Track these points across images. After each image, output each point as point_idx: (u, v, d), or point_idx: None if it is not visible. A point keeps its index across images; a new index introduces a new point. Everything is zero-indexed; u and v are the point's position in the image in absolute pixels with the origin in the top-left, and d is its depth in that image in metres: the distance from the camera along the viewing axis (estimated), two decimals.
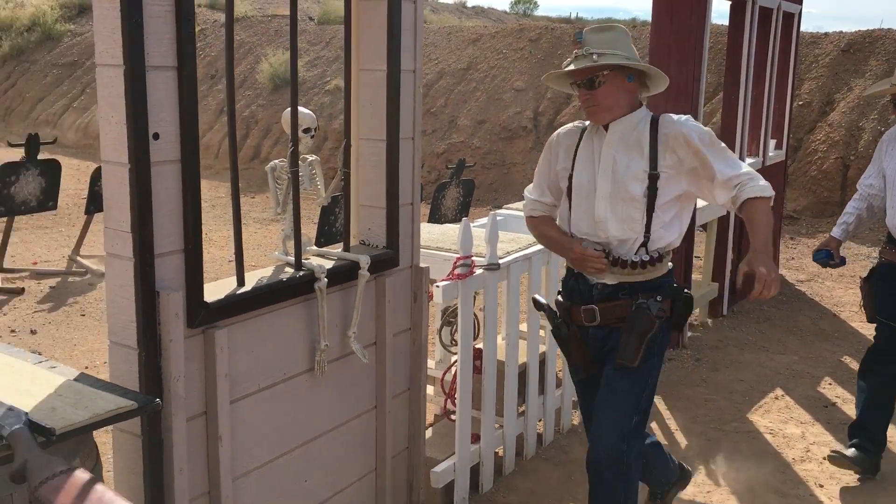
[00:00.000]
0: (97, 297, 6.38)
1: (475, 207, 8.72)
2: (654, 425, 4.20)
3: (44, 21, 17.42)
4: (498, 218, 3.70)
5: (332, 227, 5.71)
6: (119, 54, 1.98)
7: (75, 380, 1.95)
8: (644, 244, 2.61)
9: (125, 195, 2.06)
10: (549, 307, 2.83)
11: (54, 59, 16.43)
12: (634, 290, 2.64)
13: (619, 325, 2.65)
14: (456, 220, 7.49)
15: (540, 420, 3.96)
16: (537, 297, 2.94)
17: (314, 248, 2.82)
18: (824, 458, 3.80)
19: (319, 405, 2.69)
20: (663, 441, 4.01)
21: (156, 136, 2.07)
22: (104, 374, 4.89)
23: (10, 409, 1.66)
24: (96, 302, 6.25)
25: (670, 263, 2.71)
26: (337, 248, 2.88)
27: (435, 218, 6.75)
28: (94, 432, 1.85)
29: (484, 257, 3.44)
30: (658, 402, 4.46)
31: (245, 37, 14.82)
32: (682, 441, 4.06)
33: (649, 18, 5.23)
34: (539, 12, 32.09)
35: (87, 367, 4.93)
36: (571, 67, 2.59)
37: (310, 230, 4.94)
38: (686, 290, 2.73)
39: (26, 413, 1.67)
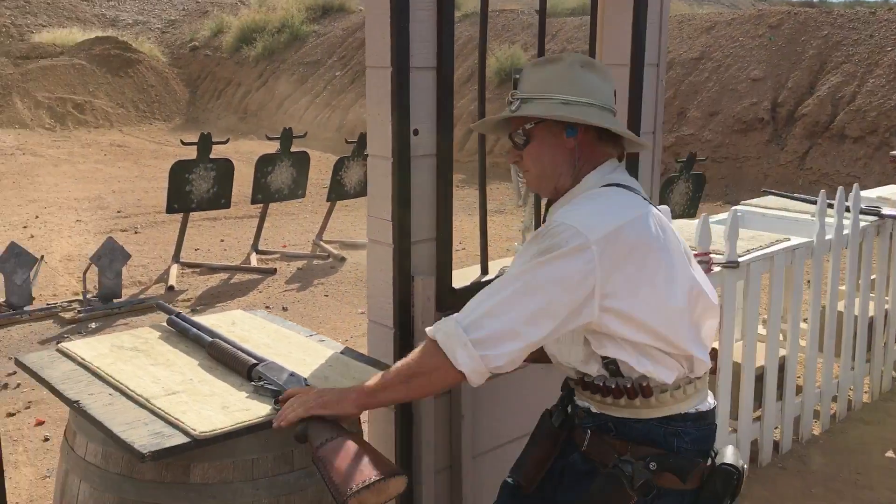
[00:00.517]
0: (338, 279, 6.87)
1: (704, 203, 8.42)
2: None
3: (292, 23, 18.88)
4: (738, 214, 3.58)
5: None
6: (387, 57, 2.15)
7: (341, 353, 2.15)
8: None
9: (387, 186, 2.23)
10: None
11: (300, 58, 17.75)
12: (621, 434, 1.76)
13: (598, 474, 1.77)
14: (684, 215, 7.29)
15: (777, 427, 3.79)
16: None
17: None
18: None
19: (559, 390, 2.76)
20: None
21: (415, 132, 2.23)
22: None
23: (292, 374, 1.87)
24: (338, 284, 6.74)
25: (689, 406, 1.75)
26: None
27: None
28: None
29: (722, 254, 3.35)
30: None
31: (472, 33, 15.24)
32: None
33: None
34: None
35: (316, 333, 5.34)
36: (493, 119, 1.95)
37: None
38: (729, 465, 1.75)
39: (305, 378, 1.88)
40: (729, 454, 1.78)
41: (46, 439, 3.89)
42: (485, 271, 2.55)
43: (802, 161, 10.26)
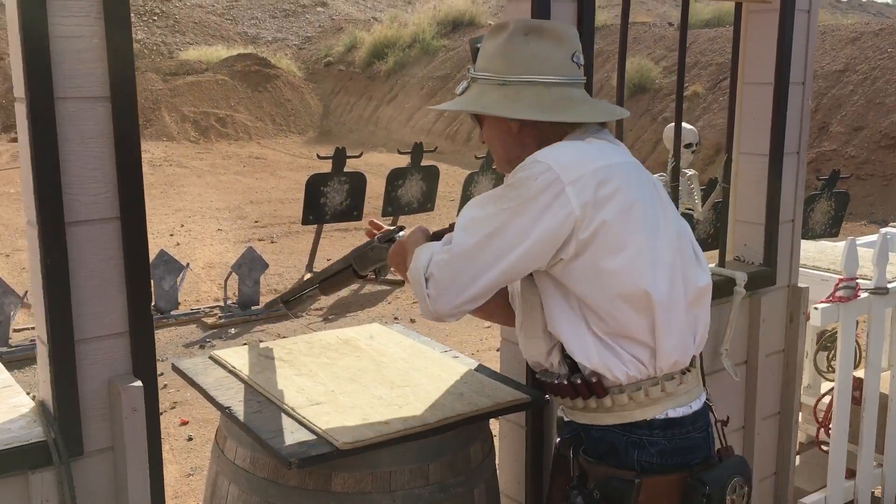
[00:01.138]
0: None
1: (847, 222, 8.02)
2: None
3: (423, 38, 19.28)
4: (887, 237, 3.40)
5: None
6: None
7: (475, 370, 2.18)
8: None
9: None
10: None
11: (430, 72, 18.08)
12: (588, 448, 1.64)
13: None
14: (825, 234, 6.97)
15: None
16: None
17: None
18: None
19: None
20: None
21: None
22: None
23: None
24: None
25: (657, 412, 1.58)
26: (711, 264, 2.86)
27: (803, 232, 6.35)
28: None
29: (870, 280, 3.18)
30: None
31: (603, 45, 15.08)
32: None
33: None
34: None
35: (456, 358, 5.39)
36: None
37: None
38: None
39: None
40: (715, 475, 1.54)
41: (190, 439, 4.11)
42: None
43: None
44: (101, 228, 1.61)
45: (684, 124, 2.65)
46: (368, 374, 2.09)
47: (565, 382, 1.61)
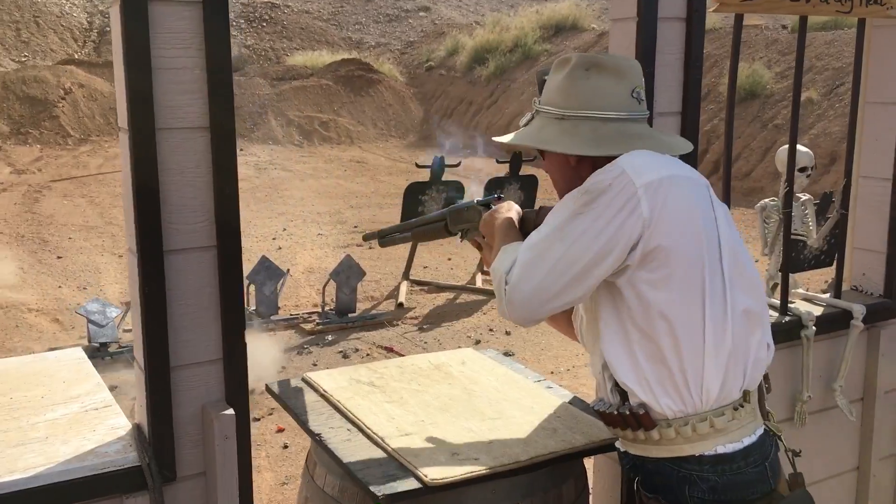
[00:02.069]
0: None
1: None
2: None
3: (524, 42, 19.17)
4: None
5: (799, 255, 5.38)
6: None
7: (570, 402, 2.11)
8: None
9: None
10: None
11: (531, 77, 17.95)
12: (643, 480, 1.66)
13: None
14: None
15: None
16: None
17: (801, 291, 2.68)
18: None
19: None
20: None
21: None
22: (567, 379, 5.25)
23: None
24: None
25: (706, 448, 1.56)
26: (825, 294, 2.70)
27: None
28: None
29: None
30: None
31: (711, 49, 14.63)
32: None
33: None
34: None
35: (552, 372, 5.32)
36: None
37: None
38: None
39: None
40: None
41: (286, 447, 4.18)
42: None
43: None
44: (198, 257, 1.62)
45: (799, 146, 2.51)
46: (459, 404, 2.05)
47: (615, 413, 1.60)
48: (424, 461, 1.75)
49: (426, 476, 1.69)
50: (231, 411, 1.65)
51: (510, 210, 1.87)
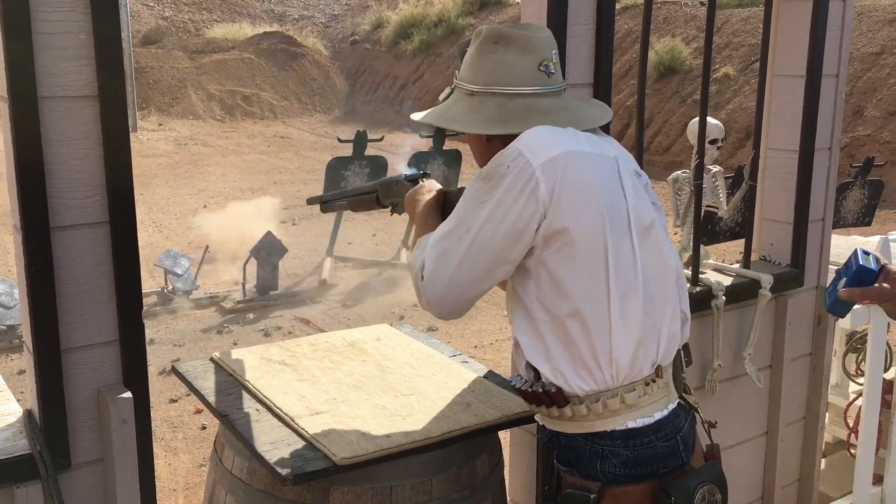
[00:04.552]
0: None
1: (882, 210, 7.81)
2: None
3: (448, 17, 19.07)
4: None
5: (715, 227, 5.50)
6: None
7: (484, 377, 2.10)
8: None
9: None
10: None
11: (456, 51, 17.88)
12: (557, 455, 1.67)
13: None
14: (857, 223, 6.77)
15: None
16: None
17: (712, 262, 2.72)
18: None
19: None
20: None
21: None
22: (490, 353, 5.27)
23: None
24: None
25: (617, 423, 1.55)
26: (733, 263, 2.75)
27: (834, 221, 6.17)
28: None
29: None
30: None
31: (633, 25, 14.81)
32: None
33: None
34: None
35: (475, 346, 5.34)
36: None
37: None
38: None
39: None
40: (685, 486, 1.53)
41: (204, 428, 4.09)
42: None
43: None
44: (89, 233, 1.54)
45: (710, 119, 2.53)
46: (373, 381, 2.02)
47: (530, 390, 1.59)
48: (335, 440, 1.71)
49: (336, 455, 1.65)
50: (128, 394, 1.58)
51: (431, 191, 1.84)
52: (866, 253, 1.74)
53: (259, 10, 23.02)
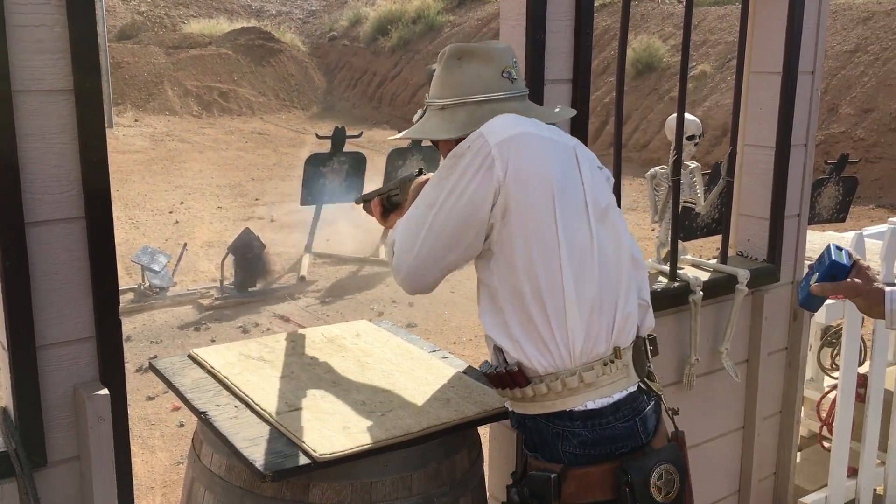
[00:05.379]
0: (466, 275, 6.86)
1: (856, 206, 7.91)
2: None
3: (427, 13, 19.04)
4: (895, 228, 3.30)
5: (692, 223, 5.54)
6: None
7: (464, 372, 2.10)
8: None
9: None
10: None
11: (434, 48, 17.87)
12: (524, 436, 1.73)
13: None
14: (832, 219, 6.85)
15: None
16: None
17: (689, 257, 2.74)
18: None
19: (684, 420, 2.62)
20: None
21: None
22: (469, 349, 5.28)
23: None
24: (465, 280, 6.71)
25: (576, 403, 1.59)
26: (711, 259, 2.77)
27: (809, 217, 6.24)
28: None
29: (879, 274, 3.09)
30: None
31: (610, 22, 14.87)
32: None
33: None
34: None
35: (454, 342, 5.34)
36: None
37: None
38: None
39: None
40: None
41: (181, 425, 4.06)
42: None
43: None
44: (64, 229, 1.52)
45: (687, 115, 2.55)
46: (352, 377, 2.01)
47: (494, 372, 1.64)
48: (314, 436, 1.70)
49: (315, 451, 1.64)
50: (105, 391, 1.57)
51: (416, 183, 1.89)
52: (839, 248, 1.77)
53: (236, 6, 22.87)
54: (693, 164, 2.68)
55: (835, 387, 3.18)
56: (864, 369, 3.21)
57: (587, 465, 1.59)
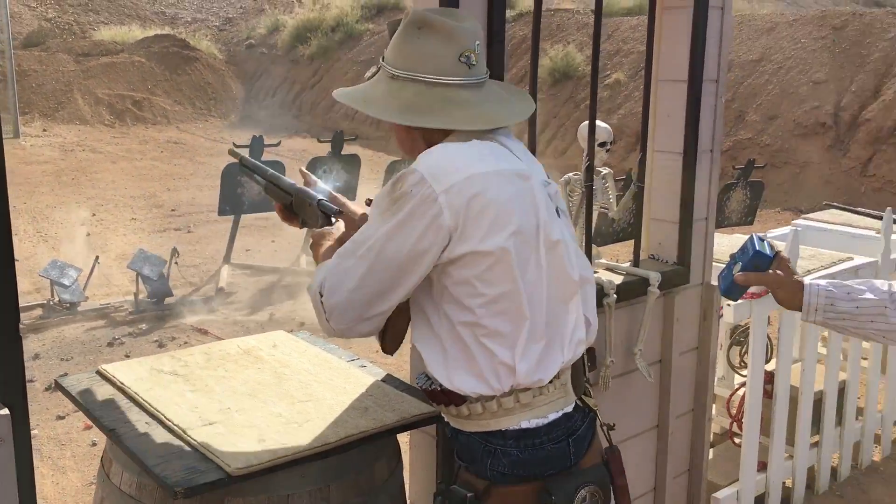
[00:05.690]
0: None
1: (763, 209, 8.21)
2: None
3: (346, 21, 18.96)
4: (798, 231, 3.44)
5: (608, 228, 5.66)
6: None
7: (382, 380, 2.10)
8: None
9: None
10: None
11: (354, 56, 17.82)
12: (457, 451, 1.70)
13: None
14: (741, 223, 7.10)
15: (835, 453, 3.64)
16: None
17: (603, 261, 2.80)
18: None
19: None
20: None
21: None
22: (391, 357, 5.25)
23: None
24: None
25: (511, 423, 1.57)
26: (626, 263, 2.83)
27: (718, 220, 6.44)
28: None
29: None
30: None
31: (527, 32, 15.09)
32: None
33: None
34: None
35: (376, 351, 5.30)
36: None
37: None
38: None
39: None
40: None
41: (94, 444, 3.93)
42: None
43: (865, 168, 9.93)
44: None
45: (599, 122, 2.61)
46: (268, 389, 1.99)
47: (430, 388, 1.61)
48: (228, 450, 1.67)
49: (229, 466, 1.61)
50: (6, 412, 1.51)
51: (334, 238, 1.75)
52: (761, 239, 1.81)
53: (149, 13, 22.33)
54: (605, 171, 2.74)
55: (744, 384, 3.29)
56: (771, 366, 3.34)
57: (513, 484, 1.57)
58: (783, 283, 1.75)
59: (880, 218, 3.75)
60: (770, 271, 1.76)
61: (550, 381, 1.57)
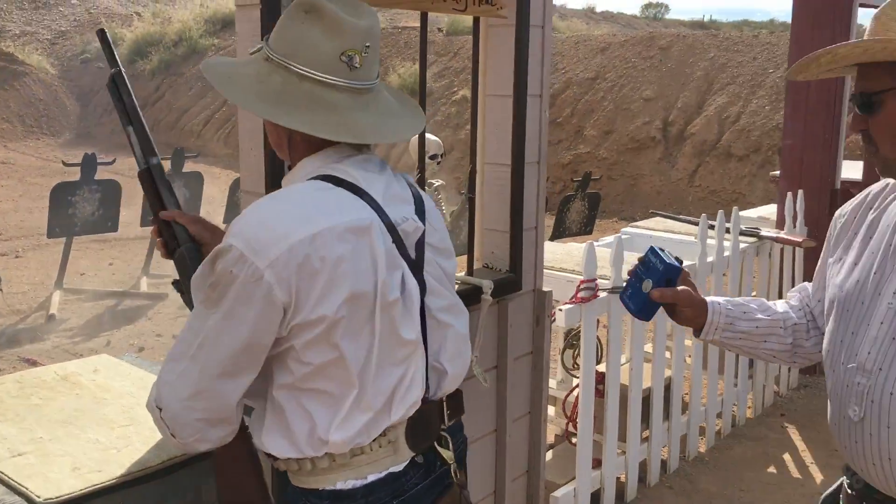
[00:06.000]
0: None
1: (601, 220, 8.62)
2: (787, 456, 4.01)
3: (189, 36, 18.44)
4: (623, 237, 3.64)
5: (454, 239, 5.79)
6: None
7: None
8: None
9: None
10: None
11: (199, 71, 17.31)
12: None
13: None
14: (580, 233, 7.43)
15: (664, 447, 3.86)
16: None
17: None
18: None
19: None
20: (798, 475, 3.83)
21: None
22: None
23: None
24: None
25: (327, 483, 1.44)
26: (460, 272, 2.90)
27: (559, 231, 6.71)
28: None
29: (608, 280, 3.39)
30: (794, 432, 4.27)
31: (386, 52, 15.21)
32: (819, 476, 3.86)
33: (789, 20, 4.97)
34: (670, 16, 31.43)
35: None
36: None
37: None
38: None
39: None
40: None
41: None
42: None
43: (692, 178, 10.62)
44: None
45: (429, 136, 2.67)
46: (86, 415, 1.90)
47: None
48: (38, 481, 1.59)
49: (39, 497, 1.54)
50: None
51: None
52: (661, 250, 1.68)
53: None
54: (438, 182, 2.80)
55: (577, 385, 3.44)
56: (602, 367, 3.50)
57: None
58: (693, 301, 1.63)
59: (697, 224, 4.02)
60: (680, 287, 1.62)
61: (375, 439, 1.43)
